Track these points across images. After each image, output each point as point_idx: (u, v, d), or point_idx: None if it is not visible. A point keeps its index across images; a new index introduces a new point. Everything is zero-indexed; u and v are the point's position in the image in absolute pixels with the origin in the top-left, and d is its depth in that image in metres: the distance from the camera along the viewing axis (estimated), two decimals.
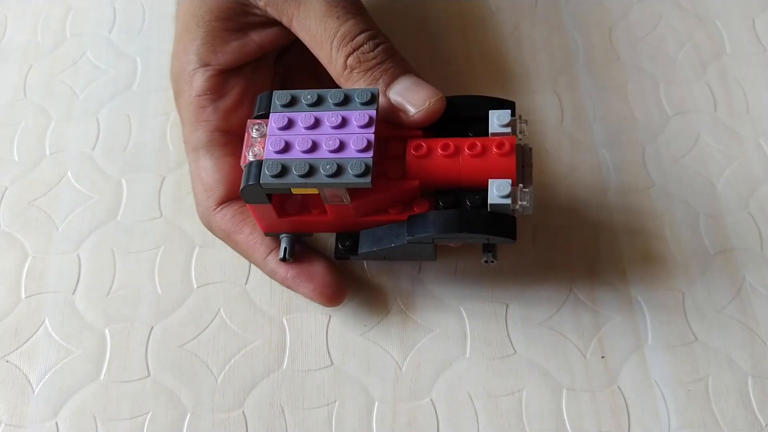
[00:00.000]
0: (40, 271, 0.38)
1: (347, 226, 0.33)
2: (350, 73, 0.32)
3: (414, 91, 0.32)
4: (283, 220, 0.32)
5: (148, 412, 0.34)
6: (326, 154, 0.29)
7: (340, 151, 0.29)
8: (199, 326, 0.36)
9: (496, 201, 0.30)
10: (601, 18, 0.45)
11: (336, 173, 0.29)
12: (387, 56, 0.33)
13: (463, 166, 0.31)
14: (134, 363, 0.35)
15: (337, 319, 0.36)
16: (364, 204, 0.31)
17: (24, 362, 0.35)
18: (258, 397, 0.34)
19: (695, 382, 0.34)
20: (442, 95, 0.32)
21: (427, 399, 0.34)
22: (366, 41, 0.32)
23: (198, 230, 0.38)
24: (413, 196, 0.32)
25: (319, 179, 0.29)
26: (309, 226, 0.33)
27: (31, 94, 0.43)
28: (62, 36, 0.46)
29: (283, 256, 0.33)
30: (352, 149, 0.29)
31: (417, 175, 0.31)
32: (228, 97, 0.35)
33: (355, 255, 0.33)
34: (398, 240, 0.32)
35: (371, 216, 0.32)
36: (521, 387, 0.34)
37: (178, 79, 0.36)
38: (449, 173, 0.31)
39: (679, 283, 0.36)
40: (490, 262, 0.32)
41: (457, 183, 0.31)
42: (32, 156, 0.41)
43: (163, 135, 0.41)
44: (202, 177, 0.35)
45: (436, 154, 0.31)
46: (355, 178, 0.29)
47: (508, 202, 0.30)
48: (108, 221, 0.39)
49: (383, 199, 0.31)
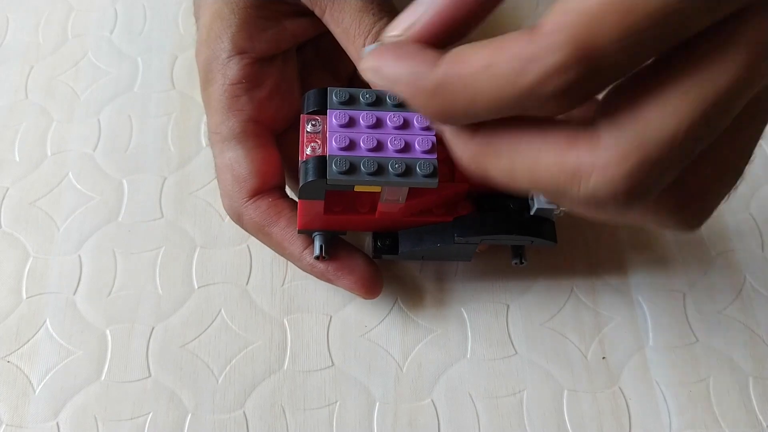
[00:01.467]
0: (42, 272, 0.38)
1: (388, 225, 0.33)
2: None
3: None
4: (325, 218, 0.32)
5: (149, 412, 0.34)
6: (392, 153, 0.29)
7: (406, 152, 0.29)
8: (200, 327, 0.36)
9: (544, 206, 0.31)
10: None
11: (405, 173, 0.29)
12: None
13: None
14: (135, 363, 0.35)
15: (338, 319, 0.36)
16: (415, 204, 0.31)
17: (25, 363, 0.35)
18: (259, 398, 0.34)
19: (696, 382, 0.34)
20: None
21: (428, 399, 0.34)
22: None
23: (199, 231, 0.38)
24: (458, 199, 0.32)
25: (389, 178, 0.29)
26: (350, 225, 0.33)
27: (33, 94, 0.43)
28: (63, 37, 0.46)
29: (318, 254, 0.33)
30: (418, 150, 0.29)
31: (467, 179, 0.31)
32: (263, 87, 0.34)
33: (395, 254, 0.33)
34: (445, 240, 0.32)
35: (416, 216, 0.32)
36: (522, 388, 0.34)
37: (209, 66, 0.34)
38: None
39: (680, 284, 0.36)
40: (519, 264, 0.33)
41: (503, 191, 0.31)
42: (33, 157, 0.41)
43: (164, 136, 0.41)
44: (234, 168, 0.33)
45: None
46: (423, 178, 0.29)
47: (554, 207, 0.31)
48: (109, 222, 0.39)
49: (433, 200, 0.32)
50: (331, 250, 0.33)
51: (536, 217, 0.32)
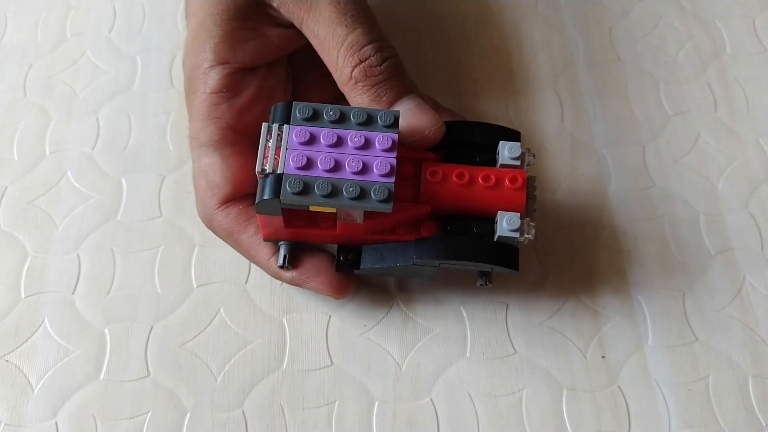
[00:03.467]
0: (40, 271, 0.37)
1: (352, 241, 0.33)
2: (355, 85, 0.32)
3: (415, 115, 0.32)
4: (288, 230, 0.32)
5: (147, 411, 0.34)
6: (349, 175, 0.29)
7: (363, 174, 0.29)
8: (199, 326, 0.36)
9: (506, 234, 0.30)
10: (602, 18, 0.45)
11: (359, 197, 0.29)
12: (392, 73, 0.32)
13: (476, 196, 0.31)
14: (134, 363, 0.35)
15: (337, 318, 0.36)
16: (375, 224, 0.31)
17: (24, 362, 0.35)
18: (258, 397, 0.34)
19: (695, 382, 0.34)
20: (442, 124, 0.32)
21: (427, 399, 0.34)
22: (373, 53, 0.32)
23: (198, 230, 0.38)
24: (422, 219, 0.32)
25: (342, 201, 0.29)
26: (313, 238, 0.33)
27: (31, 93, 0.43)
28: (62, 36, 0.46)
29: (282, 264, 0.33)
30: (375, 173, 0.29)
31: (430, 200, 0.31)
32: (242, 96, 0.35)
33: (357, 269, 0.33)
34: (404, 260, 0.32)
35: (379, 234, 0.32)
36: (521, 387, 0.34)
37: (192, 75, 0.35)
38: (461, 201, 0.31)
39: (679, 283, 0.36)
40: (485, 285, 0.33)
41: (466, 210, 0.32)
42: (32, 155, 0.41)
43: (163, 135, 0.41)
44: (208, 174, 0.34)
45: (452, 181, 0.31)
46: (377, 203, 0.29)
47: (516, 236, 0.30)
48: (108, 221, 0.39)
49: (394, 220, 0.31)
50: (296, 256, 0.34)
51: (499, 243, 0.31)
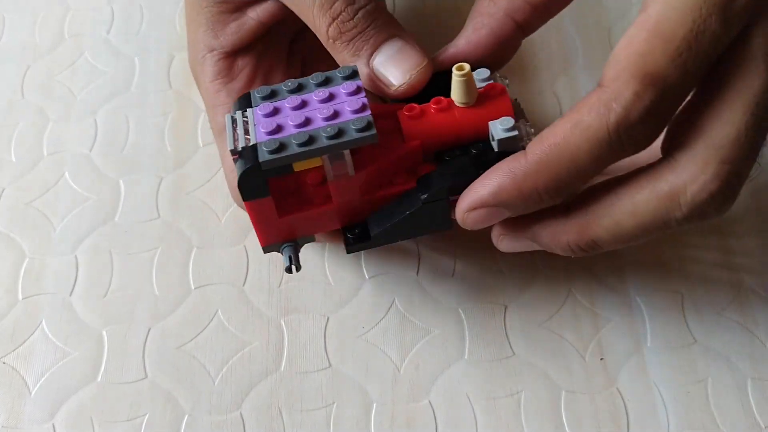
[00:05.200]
0: (38, 273, 0.37)
1: (353, 212, 0.31)
2: (333, 44, 0.31)
3: (397, 60, 0.31)
4: (283, 223, 0.31)
5: (145, 413, 0.34)
6: (322, 123, 0.28)
7: (336, 118, 0.28)
8: (197, 328, 0.36)
9: (503, 136, 0.29)
10: (600, 18, 0.45)
11: (338, 134, 0.27)
12: (367, 23, 0.31)
13: (460, 117, 0.30)
14: (131, 364, 0.35)
15: (336, 320, 0.36)
16: (368, 175, 0.30)
17: (21, 364, 0.35)
18: (256, 399, 0.34)
19: (694, 384, 0.34)
20: (427, 61, 0.31)
21: (426, 401, 0.34)
22: (344, 8, 0.31)
23: (196, 231, 0.38)
24: (416, 162, 0.31)
25: (321, 143, 0.27)
26: (312, 223, 0.32)
27: (29, 94, 0.43)
28: (60, 36, 0.45)
29: (288, 266, 0.32)
30: (348, 112, 0.28)
31: (415, 136, 0.30)
32: (239, 79, 0.35)
33: (367, 241, 0.31)
34: (412, 205, 0.30)
35: (377, 192, 0.31)
36: (520, 389, 0.34)
37: (193, 68, 0.36)
38: (447, 128, 0.30)
39: (678, 284, 0.36)
40: None
41: (456, 138, 0.30)
42: (30, 157, 0.41)
43: (161, 136, 0.41)
44: (226, 159, 0.34)
45: (430, 111, 0.30)
46: (358, 133, 0.27)
47: (515, 134, 0.29)
48: (106, 222, 0.39)
49: (387, 167, 0.30)
50: None
51: (503, 153, 0.29)
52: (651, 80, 0.24)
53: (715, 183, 0.25)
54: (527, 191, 0.26)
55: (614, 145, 0.25)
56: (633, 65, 0.24)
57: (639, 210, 0.26)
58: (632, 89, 0.24)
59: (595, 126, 0.24)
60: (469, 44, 0.32)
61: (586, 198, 0.28)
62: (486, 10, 0.32)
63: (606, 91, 0.24)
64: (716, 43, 0.24)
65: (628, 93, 0.24)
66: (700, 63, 0.25)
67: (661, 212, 0.26)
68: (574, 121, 0.25)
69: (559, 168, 0.25)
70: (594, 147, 0.25)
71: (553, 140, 0.25)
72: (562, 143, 0.25)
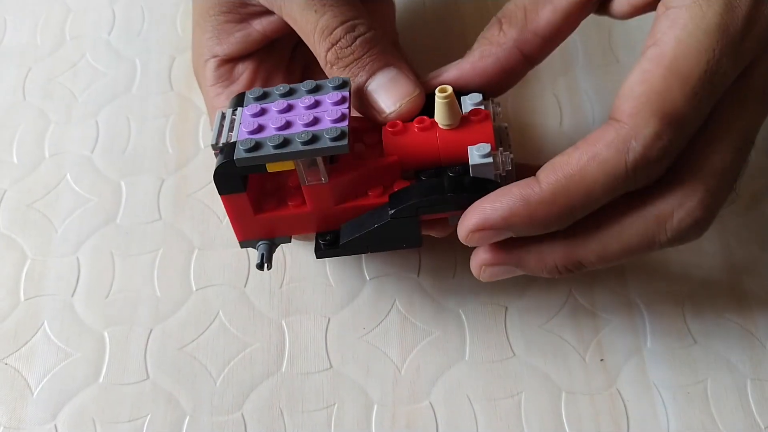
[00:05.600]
0: (39, 274, 0.38)
1: (328, 219, 0.32)
2: (330, 69, 0.32)
3: (388, 89, 0.31)
4: (259, 220, 0.31)
5: (147, 414, 0.34)
6: (300, 128, 0.29)
7: (315, 125, 0.29)
8: (198, 329, 0.36)
9: (477, 161, 0.29)
10: (600, 20, 0.45)
11: (311, 140, 0.28)
12: (364, 50, 0.32)
13: (440, 138, 0.30)
14: (133, 365, 0.35)
15: (336, 321, 0.36)
16: (342, 184, 0.30)
17: (23, 365, 0.35)
18: (257, 400, 0.34)
19: (694, 385, 0.34)
20: (420, 91, 0.31)
21: (426, 402, 0.34)
22: (344, 35, 0.31)
23: (197, 233, 0.38)
24: (393, 177, 0.31)
25: (294, 148, 0.28)
26: (288, 225, 0.32)
27: (31, 96, 0.43)
28: (61, 38, 0.46)
29: (260, 262, 0.32)
30: (327, 121, 0.29)
31: (394, 151, 0.30)
32: (238, 83, 0.36)
33: (336, 248, 0.31)
34: (380, 218, 0.30)
35: (351, 201, 0.31)
36: (520, 390, 0.34)
37: (196, 72, 0.37)
38: (427, 147, 0.30)
39: (678, 286, 0.36)
40: None
41: (436, 159, 0.30)
42: (31, 158, 0.41)
43: (162, 137, 0.41)
44: None
45: (412, 129, 0.30)
46: (331, 142, 0.28)
47: (489, 161, 0.29)
48: (107, 224, 0.39)
49: (362, 178, 0.30)
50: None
51: (477, 179, 0.29)
52: (669, 120, 0.25)
53: (699, 210, 0.26)
54: (539, 218, 0.27)
55: (629, 180, 0.26)
56: (653, 104, 0.25)
57: (625, 233, 0.27)
58: (652, 128, 0.25)
59: (613, 162, 0.25)
60: (474, 70, 0.32)
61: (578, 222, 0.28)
62: (495, 39, 0.32)
63: (624, 128, 0.25)
64: (726, 82, 0.26)
65: (648, 132, 0.25)
66: (711, 101, 0.26)
67: (647, 236, 0.27)
68: (591, 153, 0.26)
69: (574, 198, 0.26)
70: (609, 181, 0.26)
71: (569, 170, 0.26)
72: (578, 175, 0.26)
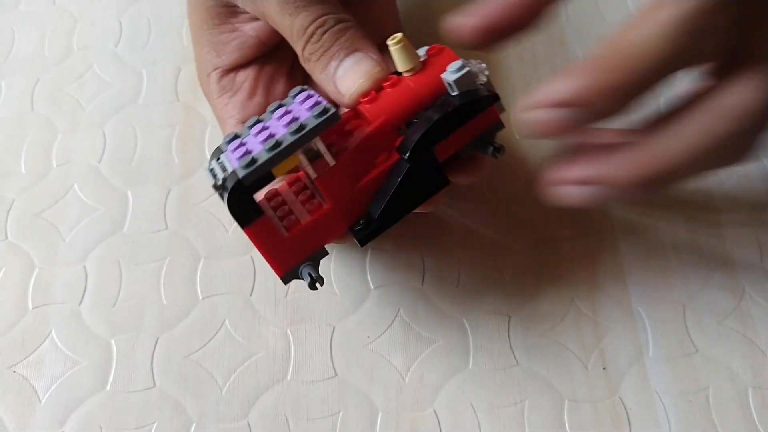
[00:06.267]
0: (47, 283, 0.38)
1: (351, 208, 0.31)
2: (308, 63, 0.32)
3: (352, 71, 0.31)
4: (290, 242, 0.30)
5: (153, 422, 0.34)
6: (285, 129, 0.29)
7: (297, 120, 0.29)
8: (205, 337, 0.36)
9: (456, 76, 0.29)
10: (603, 33, 0.46)
11: (300, 128, 0.28)
12: (333, 41, 0.32)
13: (413, 84, 0.30)
14: (140, 373, 0.35)
15: (341, 330, 0.36)
16: (349, 160, 0.30)
17: (31, 373, 0.35)
18: (262, 408, 0.34)
19: (696, 392, 0.34)
20: (381, 68, 0.31)
21: (430, 410, 0.34)
22: (315, 30, 0.32)
23: (203, 242, 0.39)
24: (391, 138, 0.31)
25: (287, 139, 0.28)
26: (318, 234, 0.31)
27: (38, 106, 0.44)
28: (69, 49, 0.46)
29: (311, 282, 0.31)
30: (305, 111, 0.29)
31: (378, 115, 0.30)
32: (242, 90, 0.37)
33: (374, 224, 0.31)
34: (401, 172, 0.30)
35: (365, 177, 0.30)
36: (523, 398, 0.34)
37: (202, 87, 0.38)
38: (404, 98, 0.30)
39: (679, 294, 0.37)
40: (494, 155, 0.31)
41: (418, 105, 0.30)
42: (39, 168, 0.42)
43: (168, 147, 0.42)
44: None
45: (383, 91, 0.31)
46: (318, 118, 0.28)
47: (467, 70, 0.29)
48: (114, 233, 0.39)
49: (364, 151, 0.30)
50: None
51: (466, 91, 0.29)
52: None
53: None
54: (605, 85, 0.24)
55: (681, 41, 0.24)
56: None
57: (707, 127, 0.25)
58: None
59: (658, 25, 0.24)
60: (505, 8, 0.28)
61: (658, 125, 0.27)
62: None
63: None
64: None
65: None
66: None
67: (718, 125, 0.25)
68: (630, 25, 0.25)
69: (628, 63, 0.24)
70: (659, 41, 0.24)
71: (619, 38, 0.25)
72: (627, 39, 0.24)
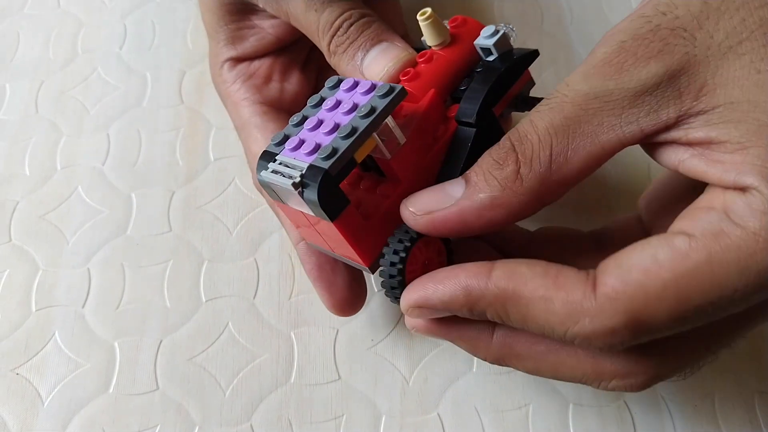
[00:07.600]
0: (51, 285, 0.38)
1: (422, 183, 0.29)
2: (333, 58, 0.33)
3: (379, 59, 0.31)
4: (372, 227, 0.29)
5: (156, 425, 0.34)
6: (350, 115, 0.28)
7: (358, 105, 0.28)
8: (208, 340, 0.36)
9: (486, 42, 0.30)
10: None
11: (372, 110, 0.27)
12: (359, 32, 0.32)
13: (447, 55, 0.31)
14: (143, 376, 0.35)
15: (345, 333, 0.36)
16: (416, 133, 0.29)
17: (34, 375, 0.35)
18: (266, 411, 0.34)
19: (701, 398, 0.34)
20: (408, 53, 0.31)
21: (434, 413, 0.34)
22: (341, 25, 0.33)
23: (207, 245, 0.39)
24: (443, 110, 0.31)
25: (364, 124, 0.27)
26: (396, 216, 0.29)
27: (43, 109, 0.44)
28: (73, 52, 0.46)
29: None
30: (362, 96, 0.28)
31: (424, 89, 0.30)
32: (255, 77, 0.38)
33: None
34: (468, 136, 0.30)
35: (432, 149, 0.30)
36: (528, 401, 0.34)
37: (213, 77, 0.39)
38: (444, 69, 0.31)
39: None
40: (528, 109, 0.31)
41: (456, 75, 0.31)
42: (43, 170, 0.42)
43: (172, 150, 0.42)
44: (252, 148, 0.36)
45: (420, 68, 0.31)
46: (386, 97, 0.27)
47: (501, 33, 0.30)
48: (118, 235, 0.39)
49: (424, 125, 0.30)
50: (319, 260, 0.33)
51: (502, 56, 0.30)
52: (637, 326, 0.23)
53: (638, 387, 0.27)
54: (478, 311, 0.25)
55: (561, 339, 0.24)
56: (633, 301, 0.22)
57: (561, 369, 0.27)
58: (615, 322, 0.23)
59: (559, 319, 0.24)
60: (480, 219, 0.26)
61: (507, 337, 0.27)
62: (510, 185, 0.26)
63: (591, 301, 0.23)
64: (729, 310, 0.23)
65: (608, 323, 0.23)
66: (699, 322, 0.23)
67: (579, 378, 0.27)
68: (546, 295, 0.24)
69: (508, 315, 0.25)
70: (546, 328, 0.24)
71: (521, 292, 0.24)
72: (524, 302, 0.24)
